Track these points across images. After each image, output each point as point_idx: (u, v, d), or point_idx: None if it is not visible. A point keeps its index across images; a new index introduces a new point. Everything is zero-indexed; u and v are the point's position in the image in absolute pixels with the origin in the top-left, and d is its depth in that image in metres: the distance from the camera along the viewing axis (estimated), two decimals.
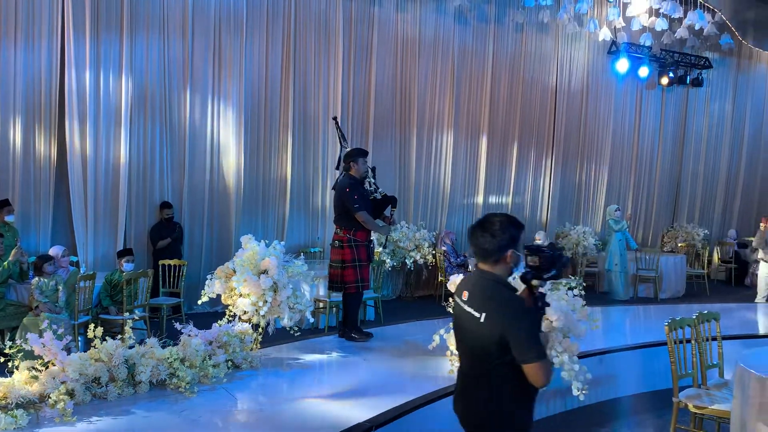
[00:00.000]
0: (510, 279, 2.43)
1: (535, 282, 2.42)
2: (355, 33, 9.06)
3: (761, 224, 9.69)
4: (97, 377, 3.99)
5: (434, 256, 9.23)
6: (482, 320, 2.36)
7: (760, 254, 9.67)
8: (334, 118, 7.03)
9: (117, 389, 4.04)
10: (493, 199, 10.77)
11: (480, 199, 10.58)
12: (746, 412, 3.52)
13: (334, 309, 6.93)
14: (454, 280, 4.23)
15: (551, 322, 3.78)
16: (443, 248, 9.15)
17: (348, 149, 6.26)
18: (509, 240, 2.41)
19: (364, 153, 6.04)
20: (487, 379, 2.41)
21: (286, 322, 4.90)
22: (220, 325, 4.80)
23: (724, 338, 4.70)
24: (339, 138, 6.70)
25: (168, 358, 4.28)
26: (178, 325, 4.72)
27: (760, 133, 13.63)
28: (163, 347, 4.41)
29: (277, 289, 4.81)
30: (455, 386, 2.65)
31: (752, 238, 10.81)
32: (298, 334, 5.16)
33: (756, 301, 9.51)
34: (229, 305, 4.87)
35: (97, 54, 7.32)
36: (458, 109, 10.18)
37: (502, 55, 10.57)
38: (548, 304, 2.52)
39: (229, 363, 4.65)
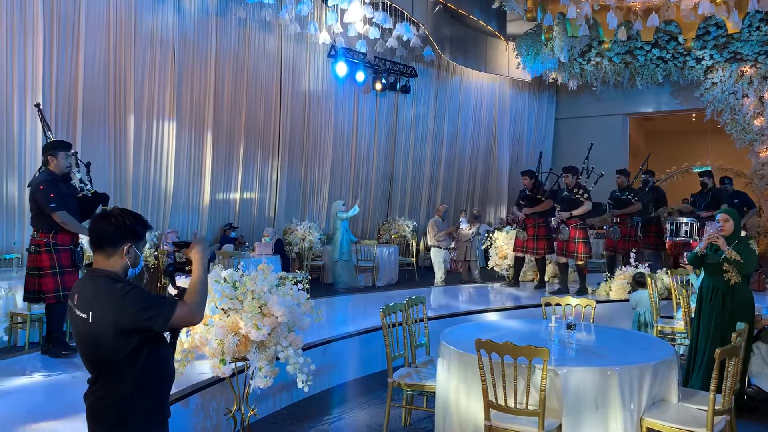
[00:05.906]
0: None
1: (177, 276, 2.58)
2: (58, 10, 8.03)
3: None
4: None
5: (157, 257, 8.70)
6: (90, 320, 2.25)
7: (431, 241, 10.38)
8: (37, 105, 6.18)
9: None
10: (220, 196, 10.52)
11: (206, 197, 10.25)
12: (449, 384, 3.98)
13: (37, 323, 6.10)
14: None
15: (276, 318, 3.80)
16: (166, 247, 8.68)
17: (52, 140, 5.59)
18: (129, 233, 2.35)
19: (65, 146, 5.44)
20: (113, 378, 2.29)
21: None
22: None
23: (430, 319, 5.27)
24: (43, 128, 5.93)
25: None
26: None
27: (456, 135, 15.59)
28: None
29: None
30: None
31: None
32: None
33: (435, 283, 10.27)
34: None
35: None
36: (180, 102, 9.71)
37: (226, 51, 10.37)
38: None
39: None
